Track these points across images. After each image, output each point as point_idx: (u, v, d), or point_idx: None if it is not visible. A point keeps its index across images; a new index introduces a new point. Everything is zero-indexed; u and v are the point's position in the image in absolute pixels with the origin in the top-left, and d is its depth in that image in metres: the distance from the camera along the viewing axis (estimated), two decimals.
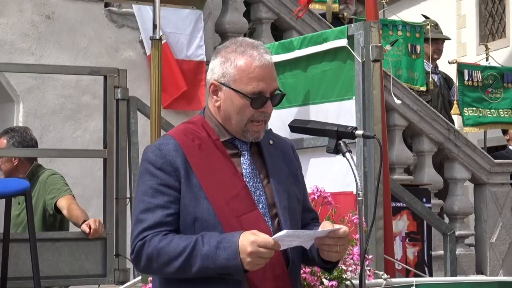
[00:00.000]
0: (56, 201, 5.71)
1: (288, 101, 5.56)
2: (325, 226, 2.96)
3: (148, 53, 7.91)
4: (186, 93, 8.16)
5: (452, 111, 9.43)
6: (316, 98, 5.43)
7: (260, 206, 3.00)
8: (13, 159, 5.96)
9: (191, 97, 8.24)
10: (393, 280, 4.89)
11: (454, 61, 9.54)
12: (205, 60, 8.20)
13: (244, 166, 3.04)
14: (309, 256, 3.08)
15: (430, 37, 9.47)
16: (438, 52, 9.76)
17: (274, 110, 3.11)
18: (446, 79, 9.85)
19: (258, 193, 3.02)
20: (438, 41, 9.73)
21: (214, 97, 3.07)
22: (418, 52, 9.27)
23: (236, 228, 2.90)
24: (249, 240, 2.79)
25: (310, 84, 5.49)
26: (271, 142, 3.15)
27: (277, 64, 5.52)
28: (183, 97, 8.16)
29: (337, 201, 4.78)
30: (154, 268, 2.93)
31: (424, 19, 9.93)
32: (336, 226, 2.94)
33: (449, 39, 10.24)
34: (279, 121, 5.15)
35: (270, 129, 3.26)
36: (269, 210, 3.02)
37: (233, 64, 3.02)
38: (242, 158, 3.05)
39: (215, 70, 3.06)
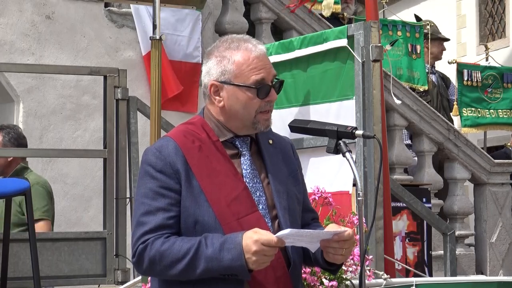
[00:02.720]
0: None
1: (289, 101, 5.56)
2: (331, 228, 2.95)
3: (143, 53, 7.92)
4: (181, 94, 8.14)
5: (453, 113, 9.43)
6: (317, 98, 5.42)
7: (260, 207, 2.99)
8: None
9: (186, 98, 8.22)
10: (393, 280, 4.89)
11: (454, 61, 9.54)
12: (201, 61, 8.19)
13: (244, 167, 3.02)
14: (311, 257, 3.06)
15: (440, 36, 9.52)
16: (442, 52, 9.80)
17: (275, 110, 3.11)
18: (443, 78, 9.87)
19: (258, 194, 3.00)
20: (441, 42, 9.76)
21: (217, 97, 3.04)
22: (418, 52, 9.27)
23: (237, 230, 2.88)
24: (253, 239, 2.79)
25: (310, 84, 5.48)
26: (270, 141, 3.13)
27: (277, 64, 5.53)
28: (178, 98, 8.14)
29: (336, 201, 4.77)
30: (157, 270, 2.91)
31: (415, 20, 9.94)
32: (342, 229, 2.93)
33: (449, 39, 10.28)
34: (279, 121, 5.15)
35: (270, 129, 3.25)
36: (269, 211, 3.00)
37: (231, 61, 3.01)
38: (242, 159, 3.04)
39: (212, 71, 3.04)
